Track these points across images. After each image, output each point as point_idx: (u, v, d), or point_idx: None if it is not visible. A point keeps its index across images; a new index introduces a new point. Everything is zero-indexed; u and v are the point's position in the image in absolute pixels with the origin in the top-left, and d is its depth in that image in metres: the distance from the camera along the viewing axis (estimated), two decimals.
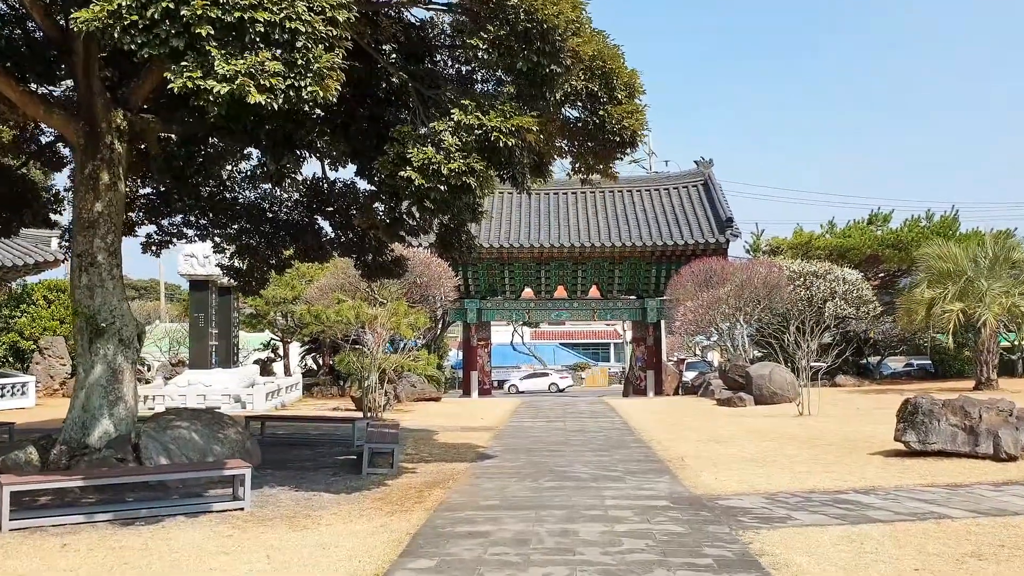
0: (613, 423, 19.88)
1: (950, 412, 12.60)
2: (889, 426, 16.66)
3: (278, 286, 31.93)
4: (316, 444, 15.92)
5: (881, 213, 35.75)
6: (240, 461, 10.24)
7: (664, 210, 35.28)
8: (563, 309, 36.77)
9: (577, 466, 12.78)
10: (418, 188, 9.08)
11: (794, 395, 23.48)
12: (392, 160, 9.34)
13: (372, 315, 22.26)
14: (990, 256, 25.30)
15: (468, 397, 33.79)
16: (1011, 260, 25.34)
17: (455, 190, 9.13)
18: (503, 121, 9.10)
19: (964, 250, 25.74)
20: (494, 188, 15.25)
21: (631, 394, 34.59)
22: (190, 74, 7.20)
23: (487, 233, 33.56)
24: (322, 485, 11.39)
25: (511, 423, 20.22)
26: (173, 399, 23.92)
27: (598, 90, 10.87)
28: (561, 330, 68.08)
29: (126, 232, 16.99)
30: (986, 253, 25.42)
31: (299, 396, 28.35)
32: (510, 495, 10.36)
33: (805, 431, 16.63)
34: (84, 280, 11.32)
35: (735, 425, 18.27)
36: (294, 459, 13.90)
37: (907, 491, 10.31)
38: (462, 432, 17.85)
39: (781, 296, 28.70)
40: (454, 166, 8.98)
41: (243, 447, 12.11)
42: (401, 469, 12.66)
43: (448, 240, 15.41)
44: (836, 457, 13.15)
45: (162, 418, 11.74)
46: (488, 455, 14.19)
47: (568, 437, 16.94)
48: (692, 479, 11.39)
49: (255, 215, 16.58)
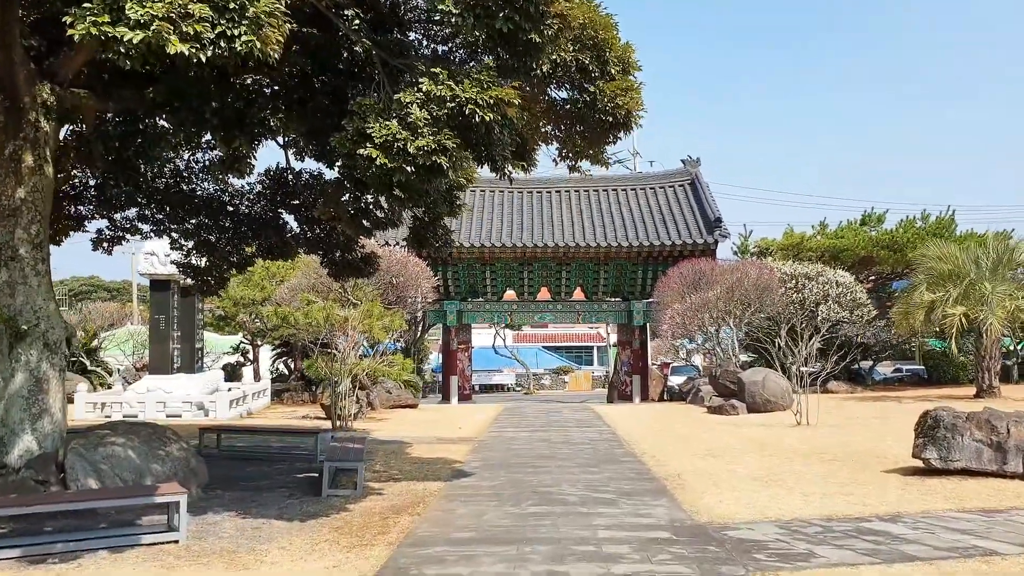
0: (600, 433, 18.60)
1: (975, 426, 11.40)
2: (896, 438, 15.58)
3: (247, 286, 30.46)
4: (276, 459, 14.54)
5: (875, 214, 34.66)
6: (175, 485, 8.87)
7: (651, 210, 34.07)
8: (547, 311, 35.45)
9: (564, 485, 11.48)
10: (380, 168, 7.77)
11: (788, 403, 22.32)
12: (351, 137, 8.02)
13: (343, 317, 20.92)
14: (993, 257, 24.22)
15: (448, 403, 32.42)
16: (1015, 262, 24.27)
17: (424, 171, 7.83)
18: (480, 92, 7.80)
19: (965, 251, 24.65)
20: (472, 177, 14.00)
21: (616, 400, 33.34)
22: (95, 18, 5.86)
23: (468, 231, 32.25)
24: (274, 510, 10.04)
25: (491, 433, 18.90)
26: (132, 406, 22.43)
27: (589, 63, 9.62)
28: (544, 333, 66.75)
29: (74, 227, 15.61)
30: (988, 254, 24.33)
31: (267, 403, 26.89)
32: (488, 524, 9.05)
33: (807, 443, 15.43)
34: (3, 276, 9.94)
35: (731, 436, 17.04)
36: (248, 477, 12.53)
37: (937, 518, 9.10)
38: (438, 444, 16.52)
39: (773, 299, 27.54)
40: (422, 143, 7.68)
41: (187, 466, 10.74)
42: (367, 489, 11.32)
43: (422, 235, 14.10)
44: (849, 475, 11.93)
45: (94, 433, 10.34)
46: (464, 472, 12.86)
47: (553, 449, 15.64)
48: (693, 502, 10.12)
49: (214, 209, 15.23)
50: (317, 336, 22.58)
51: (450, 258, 31.97)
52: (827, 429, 17.67)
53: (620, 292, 33.79)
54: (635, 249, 32.01)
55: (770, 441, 15.90)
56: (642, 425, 19.99)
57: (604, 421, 21.55)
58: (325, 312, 21.33)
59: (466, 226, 32.55)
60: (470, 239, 31.74)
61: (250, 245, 15.64)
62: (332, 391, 20.07)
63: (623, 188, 35.61)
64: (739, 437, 16.71)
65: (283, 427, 18.47)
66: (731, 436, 16.99)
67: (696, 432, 18.11)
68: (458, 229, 32.14)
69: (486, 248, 31.77)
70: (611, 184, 36.03)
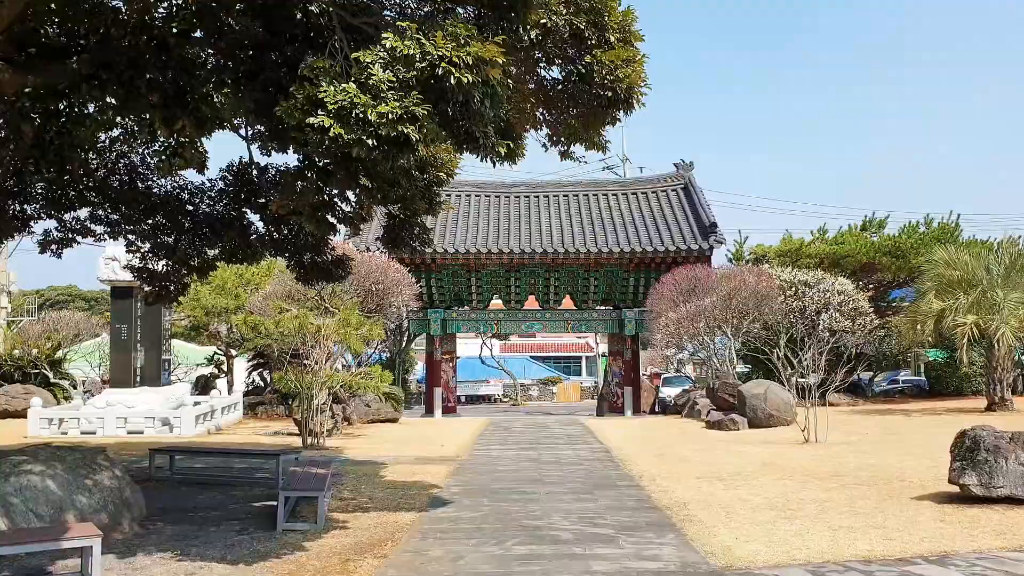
0: (593, 451, 17.19)
1: (1020, 448, 10.07)
2: (917, 457, 14.25)
3: (220, 295, 28.99)
4: (236, 483, 13.07)
5: (876, 219, 33.40)
6: (88, 527, 7.41)
7: (643, 215, 32.73)
8: (535, 320, 34.01)
9: (555, 517, 10.06)
10: (335, 142, 6.38)
11: (792, 417, 21.00)
12: (301, 105, 6.63)
13: (316, 326, 19.46)
14: (1005, 263, 22.98)
15: (431, 416, 30.92)
16: None
17: (388, 145, 6.44)
18: (456, 49, 6.42)
19: (976, 257, 23.40)
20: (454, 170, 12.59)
21: (606, 412, 31.88)
22: None
23: (452, 237, 30.85)
24: (219, 549, 8.58)
25: (475, 451, 17.45)
26: (90, 422, 20.87)
27: (584, 28, 8.25)
28: (532, 343, 65.37)
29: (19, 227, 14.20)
30: (1000, 260, 23.09)
31: (239, 418, 25.33)
32: (466, 571, 7.62)
33: (821, 464, 14.06)
34: None
35: (736, 455, 15.67)
36: (199, 506, 11.06)
37: (994, 559, 7.76)
38: (416, 464, 15.07)
39: (772, 307, 26.24)
40: (385, 110, 6.29)
41: (119, 497, 9.28)
42: (330, 522, 9.88)
43: (397, 234, 12.74)
44: (876, 503, 10.56)
45: (7, 460, 8.87)
46: (443, 499, 11.41)
47: (542, 471, 14.21)
48: (705, 539, 8.72)
49: (172, 208, 13.81)
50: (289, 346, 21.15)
51: (434, 265, 30.60)
52: (838, 447, 16.34)
53: (611, 300, 32.44)
54: (626, 255, 30.66)
55: (779, 461, 14.53)
56: (637, 442, 18.60)
57: (596, 437, 20.15)
58: (298, 321, 19.89)
59: (451, 231, 31.16)
60: (455, 245, 30.33)
61: (212, 248, 14.26)
62: (303, 406, 18.60)
63: (613, 192, 34.28)
64: (746, 457, 15.33)
65: (244, 447, 16.96)
66: (736, 455, 15.61)
67: (697, 450, 16.72)
68: (442, 235, 30.78)
69: (471, 254, 30.34)
70: (601, 188, 34.73)
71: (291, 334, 19.79)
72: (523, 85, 9.65)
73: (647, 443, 18.35)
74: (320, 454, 16.50)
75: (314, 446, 17.80)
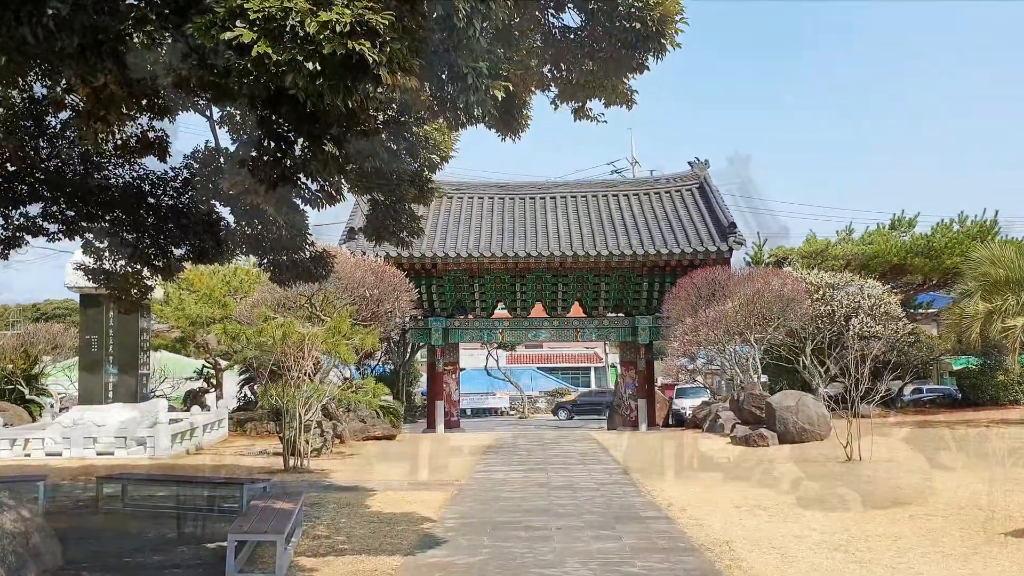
0: (609, 473, 15.28)
1: None
2: (986, 479, 12.32)
3: (206, 303, 27.23)
4: (197, 515, 11.19)
5: (905, 218, 31.43)
6: None
7: (656, 216, 30.82)
8: (542, 328, 31.99)
9: (570, 563, 8.15)
10: (260, 66, 4.55)
11: (826, 431, 19.11)
12: (221, 20, 4.81)
13: (302, 335, 17.64)
14: None
15: (433, 431, 28.98)
16: None
17: (335, 70, 4.60)
18: None
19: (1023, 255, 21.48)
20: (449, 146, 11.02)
21: (619, 426, 29.94)
22: None
23: (454, 241, 28.98)
24: None
25: (477, 474, 15.55)
26: (56, 442, 19.06)
27: None
28: (539, 353, 63.36)
29: None
30: None
31: (224, 435, 23.50)
32: None
33: (876, 487, 12.15)
34: None
35: (773, 477, 13.76)
36: (140, 548, 9.19)
37: None
38: (408, 491, 13.18)
39: (798, 312, 24.31)
40: (330, 18, 4.47)
41: (24, 544, 7.40)
42: (294, 570, 8.02)
43: (382, 222, 10.96)
44: (961, 541, 8.65)
45: None
46: (434, 538, 9.51)
47: (552, 499, 12.31)
48: None
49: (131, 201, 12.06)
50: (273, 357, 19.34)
51: (434, 269, 28.75)
52: (886, 465, 14.45)
53: (623, 306, 30.50)
54: (639, 258, 28.70)
55: (826, 486, 12.59)
56: (657, 461, 16.71)
57: (611, 455, 18.26)
58: (283, 330, 18.08)
59: (451, 234, 29.32)
60: (456, 249, 28.45)
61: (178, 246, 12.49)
62: (286, 423, 16.77)
63: (624, 193, 32.39)
64: (786, 479, 13.41)
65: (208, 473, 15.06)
66: (773, 478, 13.72)
67: (727, 472, 14.81)
68: (443, 238, 28.98)
69: (473, 258, 28.44)
70: (611, 189, 32.89)
71: (274, 344, 17.96)
72: (527, 39, 7.86)
73: (668, 462, 16.50)
74: (301, 478, 14.68)
75: (297, 468, 15.96)
